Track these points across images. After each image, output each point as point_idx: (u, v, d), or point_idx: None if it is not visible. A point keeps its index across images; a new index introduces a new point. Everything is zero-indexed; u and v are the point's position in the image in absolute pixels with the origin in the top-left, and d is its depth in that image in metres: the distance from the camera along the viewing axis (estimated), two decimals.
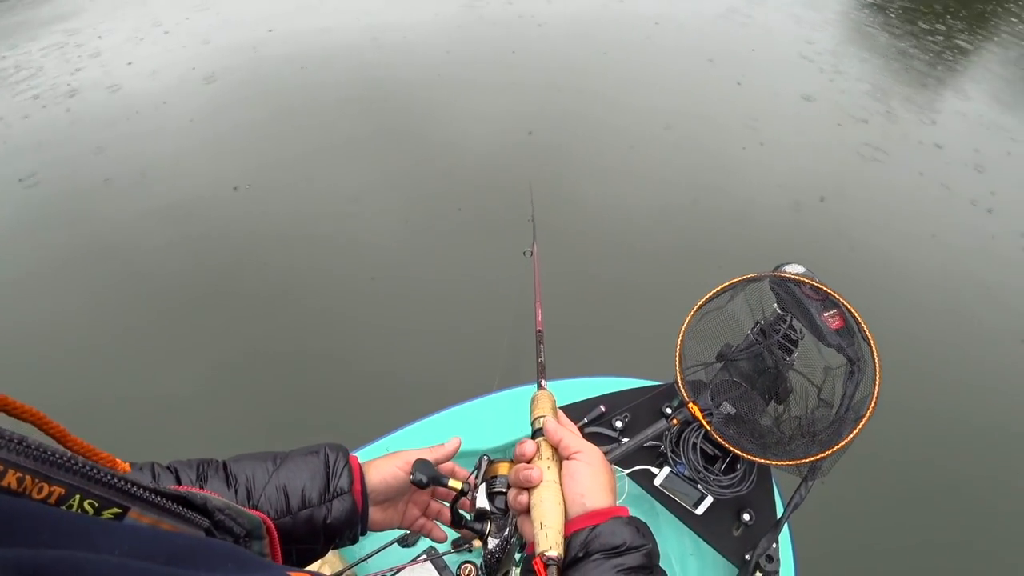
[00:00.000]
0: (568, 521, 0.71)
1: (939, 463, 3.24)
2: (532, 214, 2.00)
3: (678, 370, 1.57)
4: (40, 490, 0.39)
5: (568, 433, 0.80)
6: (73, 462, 0.42)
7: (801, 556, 1.71)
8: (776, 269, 1.65)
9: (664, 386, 1.77)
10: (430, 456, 0.94)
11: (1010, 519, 3.09)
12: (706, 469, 1.57)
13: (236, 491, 0.77)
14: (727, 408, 1.59)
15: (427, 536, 1.03)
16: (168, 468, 0.77)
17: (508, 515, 1.06)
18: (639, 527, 0.70)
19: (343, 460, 0.87)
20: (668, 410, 1.72)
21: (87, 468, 0.43)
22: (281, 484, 0.80)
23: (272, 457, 0.83)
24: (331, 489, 0.84)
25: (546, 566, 0.66)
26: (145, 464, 0.75)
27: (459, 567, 1.78)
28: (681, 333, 1.60)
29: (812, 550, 1.83)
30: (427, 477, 1.38)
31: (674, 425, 1.55)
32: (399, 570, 1.65)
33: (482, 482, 1.04)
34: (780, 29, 7.77)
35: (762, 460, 1.48)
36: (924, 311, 4.13)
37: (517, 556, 0.93)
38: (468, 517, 1.20)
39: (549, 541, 0.68)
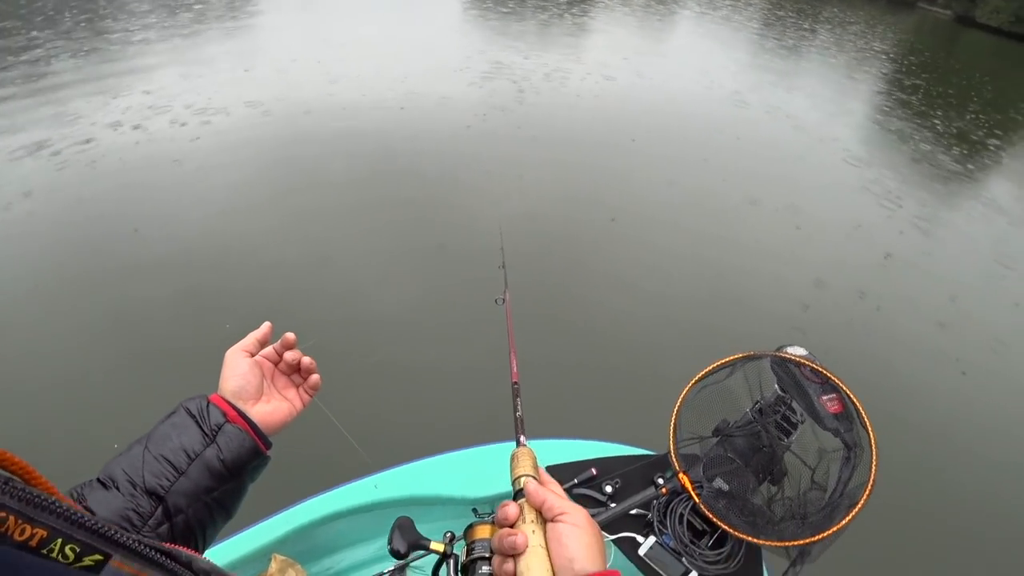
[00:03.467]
0: None
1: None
2: (503, 261, 1.94)
3: (671, 440, 1.58)
4: (23, 531, 0.39)
5: (551, 494, 0.76)
6: (56, 505, 0.42)
7: None
8: (778, 349, 1.67)
9: (658, 456, 1.76)
10: (250, 348, 0.93)
11: None
12: (692, 543, 1.55)
13: (119, 488, 0.75)
14: (719, 483, 1.58)
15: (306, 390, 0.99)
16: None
17: None
18: None
19: (205, 402, 0.85)
20: (660, 480, 1.71)
21: (70, 512, 0.43)
22: (158, 455, 0.79)
23: (136, 441, 0.81)
24: (208, 430, 0.82)
25: None
26: None
27: None
28: (677, 404, 1.61)
29: None
30: (407, 544, 1.38)
31: (663, 495, 1.54)
32: None
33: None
34: None
35: (749, 538, 1.46)
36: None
37: None
38: None
39: None
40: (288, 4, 13.23)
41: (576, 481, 1.70)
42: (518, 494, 0.78)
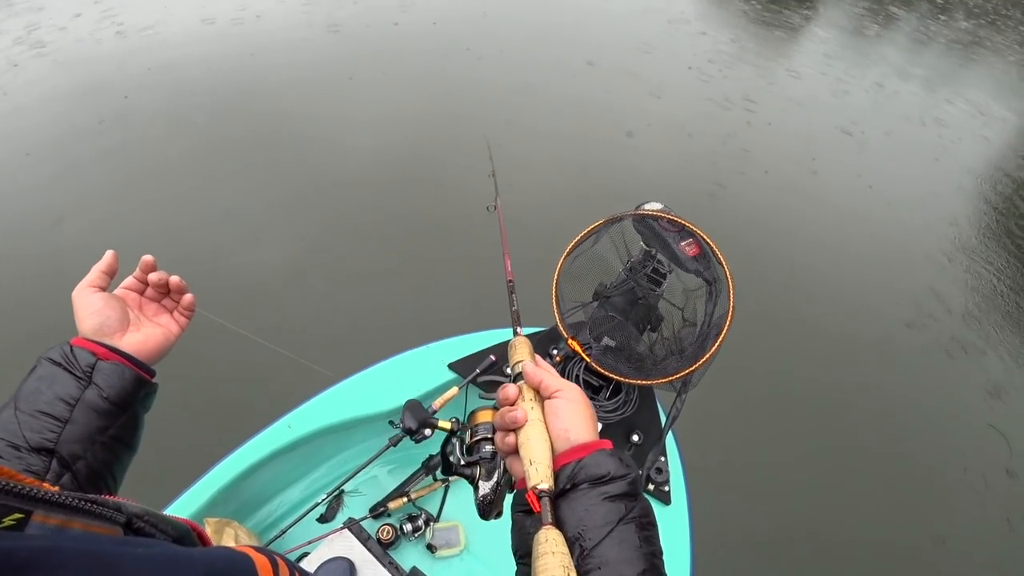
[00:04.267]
0: (555, 456, 0.75)
1: (803, 371, 3.65)
2: (492, 170, 2.01)
3: (556, 312, 1.68)
4: None
5: (547, 374, 0.81)
6: None
7: (690, 465, 1.87)
8: (636, 208, 1.78)
9: (549, 329, 1.88)
10: (97, 281, 0.88)
11: (868, 419, 3.52)
12: (592, 399, 1.69)
13: (1, 455, 0.72)
14: (606, 341, 1.72)
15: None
16: None
17: (495, 459, 1.12)
18: (622, 458, 0.73)
19: (68, 347, 0.82)
20: (555, 351, 1.83)
21: None
22: (33, 411, 0.76)
23: (3, 406, 0.77)
24: (81, 374, 0.80)
25: (539, 498, 0.70)
26: None
27: (378, 530, 1.85)
28: (555, 277, 1.70)
29: (699, 459, 2.01)
30: (418, 422, 1.45)
31: (559, 362, 1.67)
32: (318, 540, 1.72)
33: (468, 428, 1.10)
34: None
35: (639, 381, 1.62)
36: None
37: (508, 496, 0.96)
38: (461, 462, 1.26)
39: (540, 475, 0.71)
40: None
41: (478, 371, 1.80)
42: (517, 377, 0.84)
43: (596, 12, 8.30)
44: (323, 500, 1.74)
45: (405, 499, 1.89)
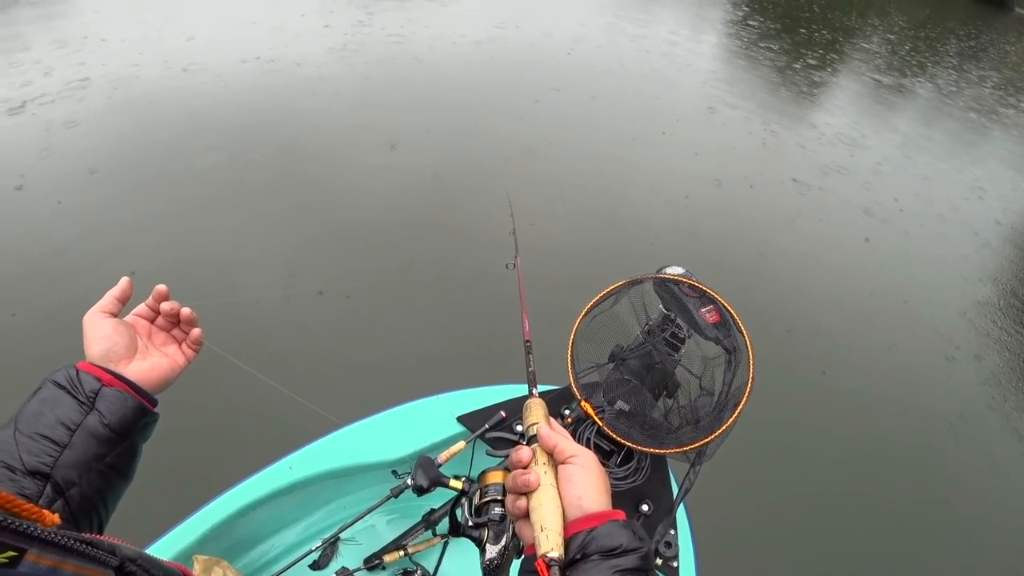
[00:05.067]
0: (566, 524, 0.73)
1: (828, 435, 3.56)
2: (513, 227, 2.03)
3: (570, 371, 1.65)
4: None
5: (562, 438, 0.81)
6: None
7: (700, 540, 1.80)
8: (658, 271, 1.77)
9: (561, 389, 1.84)
10: (109, 307, 0.89)
11: (897, 485, 3.37)
12: (603, 463, 1.64)
13: None
14: (620, 404, 1.68)
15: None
16: None
17: (504, 522, 1.09)
18: (635, 530, 0.72)
19: (73, 371, 0.81)
20: (567, 411, 1.79)
21: None
22: (32, 433, 0.75)
23: (2, 427, 0.76)
24: (85, 398, 0.79)
25: (549, 567, 0.68)
26: None
27: None
28: (572, 336, 1.68)
29: (710, 533, 1.93)
30: (429, 480, 1.41)
31: (570, 423, 1.62)
32: None
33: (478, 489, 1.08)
34: None
35: (652, 449, 1.57)
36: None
37: (516, 561, 0.93)
38: (469, 523, 1.23)
39: (551, 543, 0.70)
40: None
41: (487, 426, 1.76)
42: (531, 439, 0.84)
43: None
44: (318, 547, 1.69)
45: (402, 552, 1.83)
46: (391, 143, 5.61)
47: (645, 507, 1.71)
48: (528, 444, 0.84)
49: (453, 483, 1.41)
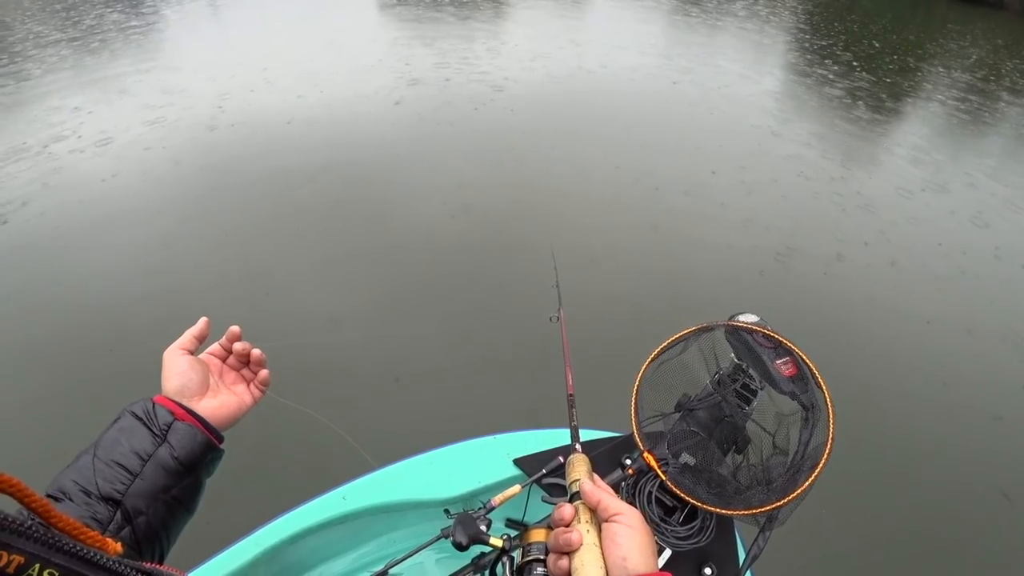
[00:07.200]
0: None
1: (900, 510, 3.26)
2: (556, 280, 2.02)
3: (633, 420, 1.58)
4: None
5: (606, 495, 0.79)
6: (33, 530, 0.42)
7: None
8: (730, 319, 1.68)
9: (623, 437, 1.77)
10: (187, 345, 0.94)
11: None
12: (663, 520, 1.55)
13: (72, 499, 0.74)
14: (685, 458, 1.59)
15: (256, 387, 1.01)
16: None
17: None
18: None
19: (150, 404, 0.86)
20: (628, 461, 1.71)
21: (48, 536, 0.43)
22: (109, 460, 0.78)
23: (83, 452, 0.81)
24: (158, 431, 0.83)
25: None
26: None
27: None
28: (636, 383, 1.61)
29: None
30: (468, 537, 1.38)
31: (631, 475, 1.54)
32: None
33: (519, 547, 1.05)
34: None
35: (718, 509, 1.47)
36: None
37: None
38: None
39: None
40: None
41: (544, 471, 1.69)
42: (574, 496, 0.82)
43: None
44: None
45: None
46: (458, 207, 5.74)
47: (708, 570, 1.60)
48: (571, 501, 0.81)
49: (493, 541, 1.36)
